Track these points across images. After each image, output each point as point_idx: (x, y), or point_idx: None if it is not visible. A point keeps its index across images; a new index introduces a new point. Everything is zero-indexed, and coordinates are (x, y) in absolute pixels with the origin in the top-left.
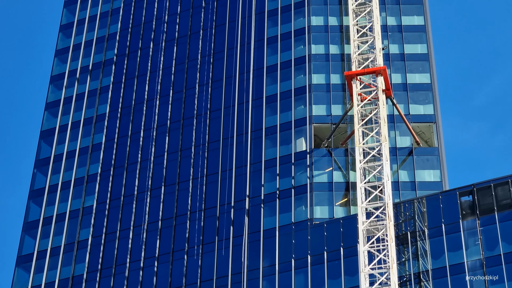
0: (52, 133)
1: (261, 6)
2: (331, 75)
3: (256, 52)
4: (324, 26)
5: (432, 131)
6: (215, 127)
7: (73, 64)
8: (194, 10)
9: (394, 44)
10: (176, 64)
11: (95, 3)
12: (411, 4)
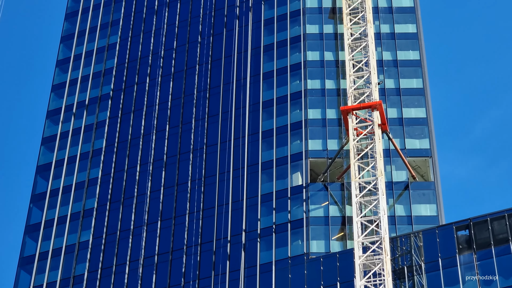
0: (48, 168)
1: (257, 41)
2: (327, 110)
3: (252, 87)
4: (320, 61)
5: (428, 165)
6: (211, 161)
7: (69, 99)
8: (190, 45)
9: (390, 79)
10: (173, 99)
11: (91, 38)
12: (407, 39)
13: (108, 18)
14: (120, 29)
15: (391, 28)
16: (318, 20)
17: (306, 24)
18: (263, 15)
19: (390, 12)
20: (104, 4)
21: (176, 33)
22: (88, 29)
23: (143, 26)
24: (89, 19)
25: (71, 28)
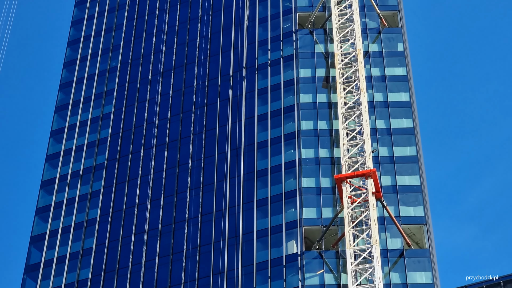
0: (43, 238)
1: (251, 111)
2: (321, 178)
3: (247, 156)
4: (314, 130)
5: (423, 232)
6: (206, 230)
7: (63, 169)
8: (184, 115)
9: (384, 147)
10: (167, 168)
11: (85, 108)
12: (400, 107)
13: (102, 88)
14: (114, 99)
15: (384, 96)
16: (311, 89)
17: (300, 94)
18: (256, 84)
19: (383, 80)
20: (98, 74)
21: (170, 103)
22: (82, 99)
23: (137, 96)
24: (83, 89)
25: (65, 98)
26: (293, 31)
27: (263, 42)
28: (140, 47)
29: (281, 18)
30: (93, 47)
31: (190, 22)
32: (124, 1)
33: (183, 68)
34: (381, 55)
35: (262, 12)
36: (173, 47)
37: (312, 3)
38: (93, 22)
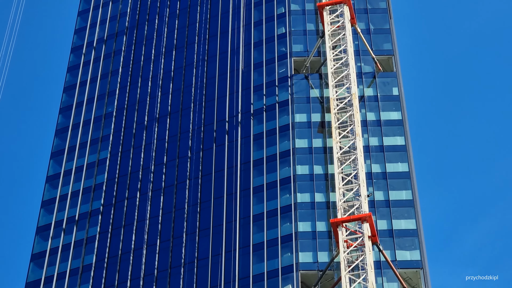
0: (37, 284)
1: (247, 156)
2: (317, 222)
3: (243, 201)
4: (310, 175)
5: (420, 276)
6: (202, 275)
7: (59, 214)
8: (180, 160)
9: (379, 191)
10: (163, 213)
11: (81, 154)
12: (395, 152)
13: (98, 133)
14: (110, 145)
15: (379, 141)
16: (307, 134)
17: (295, 138)
18: (252, 130)
19: (378, 125)
20: (94, 120)
21: (166, 148)
22: (78, 144)
23: (133, 142)
24: (79, 135)
25: (61, 144)
26: (289, 76)
27: (259, 87)
28: (136, 93)
29: (276, 63)
30: (89, 92)
31: (186, 68)
32: (120, 47)
33: (178, 113)
34: (376, 100)
35: (257, 57)
36: (168, 92)
37: (307, 48)
38: (89, 68)
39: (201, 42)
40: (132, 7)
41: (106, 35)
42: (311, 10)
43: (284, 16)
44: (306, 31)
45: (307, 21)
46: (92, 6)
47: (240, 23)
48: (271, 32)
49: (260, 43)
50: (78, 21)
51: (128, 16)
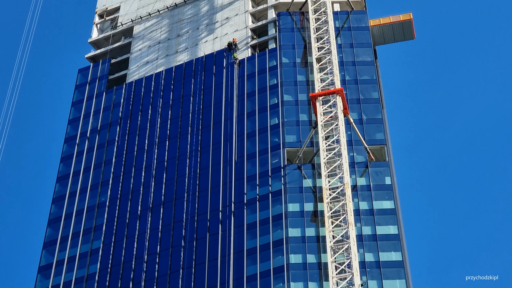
0: None
1: (240, 245)
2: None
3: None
4: (303, 264)
5: None
6: None
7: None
8: (174, 249)
9: (373, 280)
10: None
11: (74, 243)
12: (389, 241)
13: (91, 223)
14: (103, 234)
15: (372, 230)
16: (300, 223)
17: (288, 228)
18: (245, 219)
19: (371, 214)
20: (87, 209)
21: (160, 238)
22: (71, 234)
23: (126, 231)
24: (72, 225)
25: (54, 233)
26: (282, 167)
27: (252, 177)
28: (129, 183)
29: (270, 154)
30: (82, 182)
31: (179, 158)
32: (113, 137)
33: (172, 203)
34: (369, 189)
35: (251, 148)
36: (162, 182)
37: (300, 139)
38: (82, 158)
39: (194, 133)
40: (125, 97)
41: (100, 125)
42: (304, 100)
43: (277, 107)
44: (299, 122)
45: (300, 112)
46: (86, 96)
47: (233, 114)
48: (264, 122)
49: (253, 134)
50: (71, 111)
51: (122, 106)
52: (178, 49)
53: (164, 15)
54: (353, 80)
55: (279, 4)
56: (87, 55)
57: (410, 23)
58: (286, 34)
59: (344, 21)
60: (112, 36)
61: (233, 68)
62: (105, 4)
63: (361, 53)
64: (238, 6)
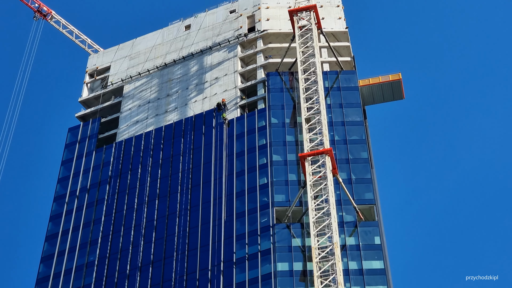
0: None
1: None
2: None
3: None
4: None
5: None
6: None
7: None
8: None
9: None
10: None
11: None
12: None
13: (80, 283)
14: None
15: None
16: (289, 283)
17: (278, 287)
18: (234, 278)
19: (360, 274)
20: (76, 269)
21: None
22: None
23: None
24: (60, 285)
25: (47, 270)
26: (271, 226)
27: (241, 236)
28: (118, 242)
29: (259, 213)
30: (71, 241)
31: (169, 217)
32: (103, 196)
33: (161, 262)
34: (358, 249)
35: (240, 207)
36: (151, 241)
37: (289, 198)
38: (71, 216)
39: (183, 192)
40: (115, 156)
41: (89, 184)
42: (293, 160)
43: (266, 167)
44: (288, 181)
45: (289, 172)
46: (75, 155)
47: (222, 173)
48: (253, 182)
49: (243, 193)
50: (61, 170)
51: (112, 165)
52: (167, 108)
53: (154, 75)
54: (342, 140)
55: (269, 64)
56: (77, 114)
57: (399, 83)
58: (275, 94)
59: (334, 81)
60: (102, 95)
61: (222, 128)
62: (96, 63)
63: (350, 113)
64: (228, 66)
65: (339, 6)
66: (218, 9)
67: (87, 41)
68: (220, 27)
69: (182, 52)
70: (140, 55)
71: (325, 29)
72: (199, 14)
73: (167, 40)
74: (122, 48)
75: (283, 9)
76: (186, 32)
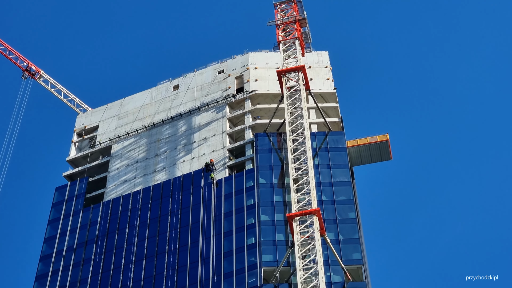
0: None
1: None
2: None
3: None
4: None
5: None
6: None
7: None
8: None
9: None
10: None
11: None
12: None
13: None
14: None
15: None
16: None
17: None
18: None
19: None
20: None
21: None
22: None
23: None
24: None
25: None
26: (258, 286)
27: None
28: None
29: (246, 273)
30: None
31: (156, 277)
32: (89, 256)
33: None
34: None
35: (228, 267)
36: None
37: (277, 258)
38: (57, 276)
39: (171, 252)
40: (102, 215)
41: (76, 243)
42: (280, 220)
43: (254, 227)
44: (276, 241)
45: (276, 232)
46: (62, 214)
47: (210, 233)
48: (241, 242)
49: (230, 253)
50: (48, 229)
51: (99, 224)
52: (156, 168)
53: (142, 135)
54: (330, 201)
55: (257, 125)
56: (65, 173)
57: (387, 144)
58: (263, 155)
59: (322, 142)
60: (90, 154)
61: (210, 188)
62: (84, 123)
63: (338, 174)
64: (216, 126)
65: (327, 67)
66: (207, 69)
67: (76, 100)
68: (209, 88)
69: (171, 112)
70: (129, 115)
71: (313, 90)
72: (187, 74)
73: (155, 100)
74: (111, 108)
75: (272, 70)
76: (174, 92)
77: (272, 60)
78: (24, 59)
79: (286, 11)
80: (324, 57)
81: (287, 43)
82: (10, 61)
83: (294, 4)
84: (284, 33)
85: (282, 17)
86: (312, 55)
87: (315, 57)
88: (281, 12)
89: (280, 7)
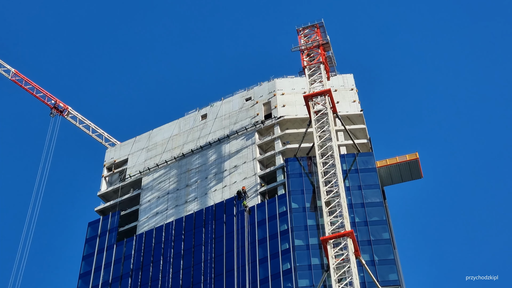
0: None
1: None
2: None
3: None
4: None
5: None
6: None
7: None
8: None
9: None
10: None
11: None
12: None
13: None
14: None
15: None
16: None
17: None
18: None
19: None
20: None
21: None
22: None
23: None
24: None
25: None
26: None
27: None
28: None
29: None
30: None
31: None
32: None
33: None
34: None
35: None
36: None
37: (313, 283)
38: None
39: (207, 282)
40: (136, 249)
41: (111, 278)
42: (315, 244)
43: (289, 252)
44: (311, 266)
45: (311, 256)
46: (96, 250)
47: (245, 261)
48: (276, 268)
49: (266, 280)
50: (82, 265)
51: (133, 258)
52: (187, 199)
53: (172, 166)
54: (363, 222)
55: (287, 150)
56: (97, 208)
57: (416, 162)
58: (294, 179)
59: (351, 164)
60: (121, 188)
61: (243, 215)
62: (113, 157)
63: (369, 195)
64: (246, 154)
65: (353, 89)
66: (234, 97)
67: (104, 135)
68: (237, 115)
69: (200, 142)
70: (157, 147)
71: (340, 112)
72: (215, 103)
73: (183, 130)
74: (139, 140)
75: (298, 95)
76: (202, 122)
77: (298, 85)
78: (52, 96)
79: (309, 36)
80: (349, 79)
81: (312, 67)
82: (38, 99)
83: (317, 29)
84: (309, 58)
85: (306, 42)
86: (337, 78)
87: (341, 80)
88: (305, 38)
89: (303, 32)
